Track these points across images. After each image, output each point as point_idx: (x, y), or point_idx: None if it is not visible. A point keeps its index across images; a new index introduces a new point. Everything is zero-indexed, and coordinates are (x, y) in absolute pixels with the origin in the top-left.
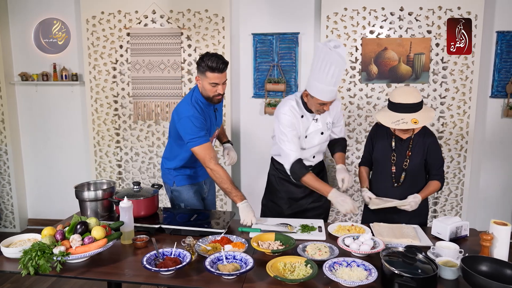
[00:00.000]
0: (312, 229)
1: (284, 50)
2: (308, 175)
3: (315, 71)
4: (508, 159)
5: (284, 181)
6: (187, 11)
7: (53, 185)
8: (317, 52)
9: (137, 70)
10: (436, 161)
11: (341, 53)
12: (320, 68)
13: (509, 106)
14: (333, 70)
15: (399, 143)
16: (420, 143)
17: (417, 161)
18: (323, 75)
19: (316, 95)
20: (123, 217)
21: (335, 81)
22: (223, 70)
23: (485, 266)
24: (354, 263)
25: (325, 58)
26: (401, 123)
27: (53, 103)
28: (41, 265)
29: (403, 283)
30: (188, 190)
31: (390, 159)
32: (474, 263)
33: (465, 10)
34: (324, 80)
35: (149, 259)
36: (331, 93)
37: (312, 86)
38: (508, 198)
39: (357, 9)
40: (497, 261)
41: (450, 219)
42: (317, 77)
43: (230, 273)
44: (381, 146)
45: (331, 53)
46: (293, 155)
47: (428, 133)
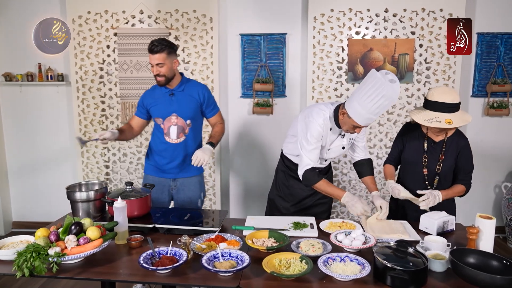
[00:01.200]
0: (304, 226)
1: (272, 51)
2: (320, 182)
3: (362, 95)
4: (488, 156)
5: (294, 178)
6: (175, 12)
7: (38, 188)
8: (370, 79)
9: (125, 71)
10: (467, 166)
11: (396, 89)
12: (370, 96)
13: (490, 105)
14: (382, 102)
15: (431, 145)
16: (454, 146)
17: (449, 164)
18: (370, 103)
19: (354, 117)
20: (117, 217)
21: (379, 112)
22: (156, 52)
23: (472, 258)
24: (348, 258)
25: (378, 89)
26: (434, 121)
27: (38, 103)
28: (37, 267)
29: (396, 275)
30: (154, 181)
31: (422, 160)
32: (462, 255)
33: (447, 12)
34: (369, 107)
35: (145, 258)
36: (369, 120)
37: (354, 108)
38: (489, 193)
39: (343, 10)
40: (483, 253)
41: (437, 214)
42: (362, 102)
43: (227, 270)
44: (412, 146)
45: (386, 85)
46: (310, 164)
47: (462, 137)
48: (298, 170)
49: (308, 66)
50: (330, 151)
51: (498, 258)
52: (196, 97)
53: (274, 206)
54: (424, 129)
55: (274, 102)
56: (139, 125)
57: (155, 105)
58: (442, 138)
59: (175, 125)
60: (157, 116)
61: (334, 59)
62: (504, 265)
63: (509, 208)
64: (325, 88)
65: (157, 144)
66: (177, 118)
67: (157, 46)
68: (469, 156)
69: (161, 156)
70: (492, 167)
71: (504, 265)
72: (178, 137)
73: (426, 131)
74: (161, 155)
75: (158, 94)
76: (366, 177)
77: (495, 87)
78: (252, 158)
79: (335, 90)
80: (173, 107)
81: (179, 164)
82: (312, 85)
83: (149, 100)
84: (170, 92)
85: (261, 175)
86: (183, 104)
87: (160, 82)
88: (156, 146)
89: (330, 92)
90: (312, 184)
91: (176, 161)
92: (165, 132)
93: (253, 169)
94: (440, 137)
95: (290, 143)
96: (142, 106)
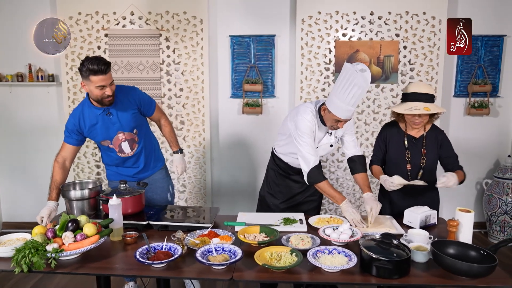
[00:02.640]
0: (294, 222)
1: (261, 52)
2: (324, 182)
3: (338, 89)
4: (470, 154)
5: (283, 177)
6: (165, 13)
7: (28, 188)
8: (343, 72)
9: (116, 71)
10: (452, 154)
11: (366, 77)
12: (343, 87)
13: (471, 104)
14: (355, 91)
15: (412, 141)
16: (433, 139)
17: (432, 157)
18: (344, 94)
19: (333, 111)
20: (113, 214)
21: (355, 102)
22: (106, 72)
23: (452, 249)
24: (335, 250)
25: (349, 79)
26: (414, 110)
27: (29, 104)
28: (35, 262)
29: (380, 265)
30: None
31: (405, 157)
32: (442, 246)
33: (430, 15)
34: (345, 99)
35: (141, 253)
36: (348, 112)
37: (332, 102)
38: (471, 189)
39: (330, 13)
40: (463, 244)
41: (420, 209)
42: (338, 95)
43: (220, 263)
44: (394, 145)
45: (356, 75)
46: (312, 159)
47: (439, 130)
48: (303, 168)
49: (296, 67)
50: (319, 149)
51: (476, 248)
52: (132, 105)
53: (265, 203)
54: (403, 126)
55: (264, 102)
56: (73, 153)
57: (95, 130)
58: (422, 133)
59: (125, 141)
60: (102, 139)
61: (321, 60)
62: (482, 255)
63: (490, 204)
64: (313, 88)
65: (112, 160)
66: (124, 134)
67: (104, 65)
68: (450, 145)
69: (121, 167)
70: (473, 165)
71: (482, 255)
72: (132, 149)
73: (405, 128)
74: (120, 166)
75: (93, 116)
76: (357, 175)
77: (476, 87)
78: (241, 157)
79: (322, 91)
80: (116, 126)
81: (141, 170)
82: (301, 86)
83: (85, 125)
84: (107, 111)
85: (251, 173)
86: (123, 119)
87: (110, 102)
88: (112, 161)
89: (318, 92)
90: (316, 183)
91: (140, 167)
92: (117, 151)
93: (243, 167)
94: (419, 132)
95: (280, 141)
96: (75, 132)
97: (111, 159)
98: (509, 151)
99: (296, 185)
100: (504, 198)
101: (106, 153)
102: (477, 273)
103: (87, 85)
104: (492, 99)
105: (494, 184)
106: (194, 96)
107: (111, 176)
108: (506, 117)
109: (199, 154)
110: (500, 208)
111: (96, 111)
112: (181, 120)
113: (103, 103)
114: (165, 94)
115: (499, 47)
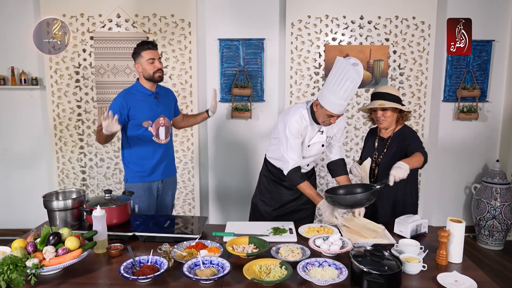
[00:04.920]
0: (284, 231)
1: (250, 56)
2: (304, 183)
3: (330, 83)
4: (459, 159)
5: (276, 183)
6: (152, 16)
7: (11, 194)
8: (336, 66)
9: (102, 75)
10: (415, 140)
11: (359, 70)
12: (336, 81)
13: (460, 109)
14: (347, 85)
15: (381, 142)
16: (397, 137)
17: (391, 153)
18: (337, 88)
19: (326, 106)
20: (96, 226)
21: (347, 96)
22: (155, 48)
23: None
24: (326, 263)
25: (342, 73)
26: (369, 105)
27: (12, 108)
28: (14, 279)
29: (372, 279)
30: (140, 187)
31: (372, 157)
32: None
33: (419, 20)
34: (337, 93)
35: (126, 268)
36: (340, 106)
37: (324, 97)
38: (459, 194)
39: (320, 17)
40: (353, 185)
41: (411, 218)
42: (331, 89)
43: (208, 278)
44: (368, 146)
45: (349, 68)
46: (292, 162)
47: (407, 130)
48: (284, 170)
49: (286, 71)
50: (310, 148)
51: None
52: (172, 99)
53: (257, 210)
54: (378, 129)
55: (253, 106)
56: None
57: (142, 108)
58: (390, 134)
59: (163, 126)
60: (145, 119)
61: (311, 64)
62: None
63: (479, 209)
64: (302, 92)
65: (144, 147)
66: (164, 119)
67: (153, 43)
68: (414, 134)
69: (149, 159)
70: (462, 169)
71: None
72: (166, 137)
73: (378, 131)
74: (149, 158)
75: (141, 98)
76: (340, 177)
77: (465, 92)
78: (231, 162)
79: (312, 95)
80: (160, 109)
81: (166, 164)
82: (290, 90)
83: (133, 104)
84: (155, 94)
85: (240, 179)
86: (166, 106)
87: (161, 78)
88: (142, 150)
89: (307, 96)
90: (295, 184)
91: (166, 160)
92: (154, 134)
93: (232, 173)
94: (388, 133)
95: (272, 145)
96: (123, 111)
97: (142, 147)
98: (498, 156)
99: (288, 192)
100: (492, 202)
101: (139, 139)
102: (359, 201)
103: (140, 63)
104: (481, 103)
105: (483, 189)
106: (182, 100)
107: (133, 178)
108: (494, 122)
109: (187, 159)
110: (489, 212)
111: (146, 91)
112: None
113: (154, 79)
114: None
115: (488, 52)
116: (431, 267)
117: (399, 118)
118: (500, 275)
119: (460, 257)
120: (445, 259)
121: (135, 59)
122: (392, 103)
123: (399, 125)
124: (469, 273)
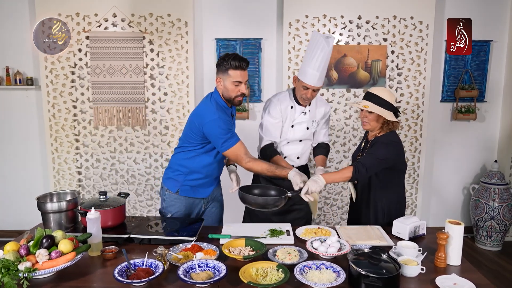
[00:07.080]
0: (281, 233)
1: (248, 56)
2: (277, 156)
3: (306, 55)
4: (457, 159)
5: (269, 182)
6: (149, 15)
7: (7, 195)
8: (311, 39)
9: (97, 75)
10: (371, 152)
11: (329, 42)
12: (309, 53)
13: (458, 109)
14: (318, 54)
15: (366, 144)
16: (374, 144)
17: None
18: (310, 59)
19: (300, 77)
20: (91, 228)
21: (319, 66)
22: (246, 68)
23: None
24: (323, 265)
25: (315, 44)
26: (355, 104)
27: (7, 108)
28: (6, 283)
29: (370, 283)
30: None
31: (356, 158)
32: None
33: (417, 20)
34: (310, 63)
35: (120, 271)
36: (314, 77)
37: (301, 69)
38: (457, 195)
39: (318, 16)
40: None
41: (409, 219)
42: (305, 60)
43: (204, 281)
44: (358, 146)
45: (321, 40)
46: (266, 140)
47: (388, 134)
48: (259, 146)
49: (283, 71)
50: (295, 129)
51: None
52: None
53: (252, 210)
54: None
55: (250, 107)
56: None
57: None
58: (372, 138)
59: None
60: None
61: None
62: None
63: (477, 209)
64: None
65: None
66: None
67: (245, 62)
68: (375, 149)
69: (199, 172)
70: (460, 170)
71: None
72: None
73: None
74: (200, 171)
75: (226, 111)
76: (317, 156)
77: (463, 92)
78: None
79: None
80: (232, 127)
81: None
82: None
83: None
84: (231, 112)
85: None
86: (233, 125)
87: (240, 103)
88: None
89: None
90: (269, 157)
91: (214, 175)
92: None
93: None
94: (371, 136)
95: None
96: None
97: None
98: (496, 156)
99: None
100: (490, 203)
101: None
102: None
103: (223, 80)
104: (479, 104)
105: (481, 189)
106: (178, 101)
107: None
108: (492, 122)
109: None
110: (487, 213)
111: (227, 106)
112: (165, 125)
113: (233, 102)
114: (149, 99)
115: (486, 52)
116: (429, 269)
117: (384, 125)
118: (498, 276)
119: (458, 260)
120: (444, 262)
121: (219, 71)
122: (378, 107)
123: (383, 131)
124: (468, 276)
